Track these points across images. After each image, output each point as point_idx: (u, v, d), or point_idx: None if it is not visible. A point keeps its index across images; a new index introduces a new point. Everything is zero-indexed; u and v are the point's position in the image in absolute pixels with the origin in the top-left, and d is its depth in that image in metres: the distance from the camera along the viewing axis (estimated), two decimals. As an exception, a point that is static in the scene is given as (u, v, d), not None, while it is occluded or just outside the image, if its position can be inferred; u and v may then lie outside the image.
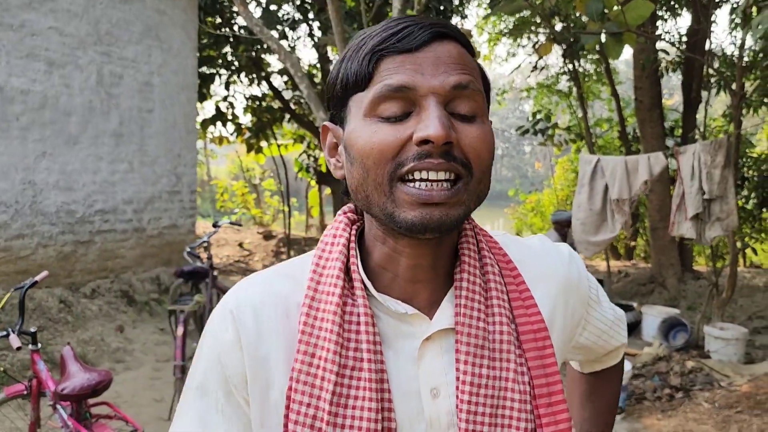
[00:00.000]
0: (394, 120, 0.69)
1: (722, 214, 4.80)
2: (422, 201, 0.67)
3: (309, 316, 0.73)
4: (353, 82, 0.72)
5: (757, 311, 7.50)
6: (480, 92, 0.72)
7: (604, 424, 1.06)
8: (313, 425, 0.70)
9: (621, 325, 0.98)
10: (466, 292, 0.75)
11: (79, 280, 6.37)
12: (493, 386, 0.74)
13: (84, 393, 2.94)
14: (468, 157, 0.70)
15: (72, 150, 6.27)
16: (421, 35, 0.69)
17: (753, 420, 4.05)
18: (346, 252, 0.76)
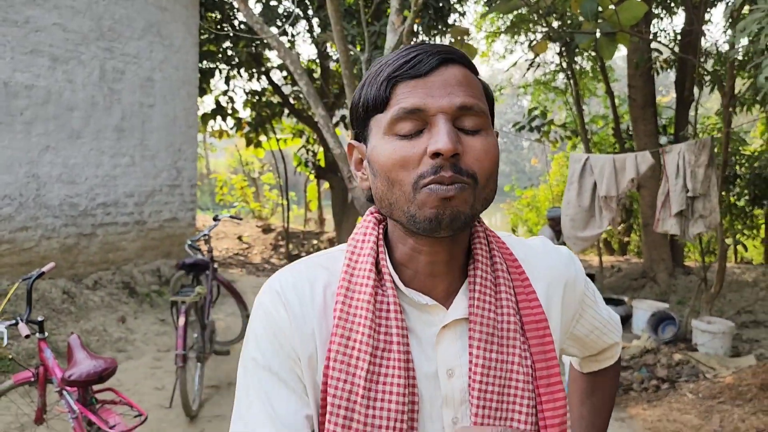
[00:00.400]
0: (409, 137, 0.80)
1: (705, 211, 4.95)
2: (440, 195, 0.77)
3: (344, 303, 0.84)
4: (373, 105, 0.83)
5: (745, 306, 7.64)
6: (483, 110, 0.82)
7: (600, 420, 1.17)
8: (349, 398, 0.80)
9: (614, 325, 1.09)
10: (479, 287, 0.86)
11: (82, 271, 6.49)
12: (501, 368, 0.84)
13: (90, 379, 3.02)
14: (473, 167, 0.80)
15: (75, 144, 6.39)
16: (430, 61, 0.80)
17: (734, 410, 4.19)
18: (375, 249, 0.87)
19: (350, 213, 12.02)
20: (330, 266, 0.90)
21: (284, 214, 12.46)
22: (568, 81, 10.54)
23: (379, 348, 0.82)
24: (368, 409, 0.81)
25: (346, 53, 5.50)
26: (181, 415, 4.34)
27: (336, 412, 0.81)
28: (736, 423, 3.98)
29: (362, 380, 0.81)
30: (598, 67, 10.32)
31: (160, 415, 4.34)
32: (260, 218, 15.97)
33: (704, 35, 9.69)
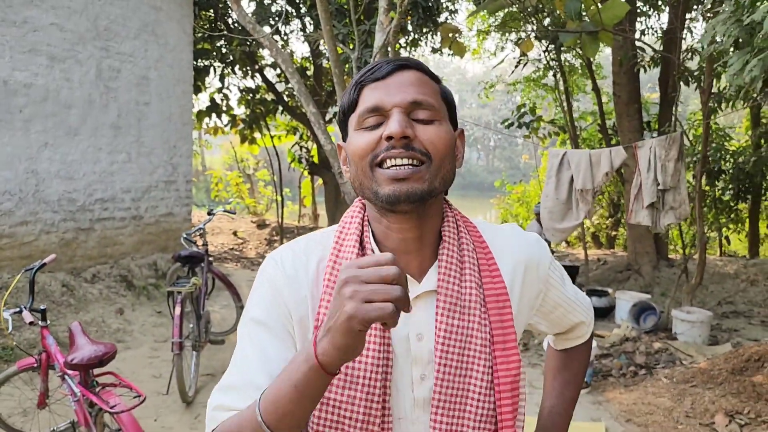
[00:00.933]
0: (372, 128, 0.97)
1: (675, 203, 5.17)
2: (392, 177, 0.93)
3: (332, 274, 1.00)
4: (347, 108, 1.01)
5: (726, 297, 7.85)
6: (434, 106, 0.97)
7: (569, 391, 1.29)
8: None
9: (581, 306, 1.22)
10: (445, 263, 1.00)
11: (80, 265, 6.66)
12: (462, 333, 0.98)
13: (91, 363, 3.15)
14: (426, 147, 0.94)
15: (72, 141, 6.55)
16: (387, 67, 0.98)
17: (705, 393, 4.39)
18: (360, 227, 1.03)
19: (343, 208, 12.17)
20: (324, 242, 1.07)
21: (279, 209, 12.62)
22: (556, 78, 10.71)
23: None
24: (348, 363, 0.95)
25: (336, 52, 5.67)
26: (177, 401, 4.51)
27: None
28: (706, 405, 4.18)
29: None
30: (585, 64, 10.48)
31: (158, 402, 4.51)
32: (255, 214, 16.12)
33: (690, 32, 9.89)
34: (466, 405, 0.99)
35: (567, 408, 1.29)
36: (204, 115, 12.14)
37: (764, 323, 7.01)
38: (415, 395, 0.99)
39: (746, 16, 3.55)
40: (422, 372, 0.99)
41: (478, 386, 0.99)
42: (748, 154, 9.64)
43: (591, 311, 1.28)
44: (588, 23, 5.94)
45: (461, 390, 0.99)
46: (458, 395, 0.98)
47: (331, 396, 0.97)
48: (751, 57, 3.56)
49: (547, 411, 1.29)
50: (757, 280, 8.07)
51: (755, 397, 4.13)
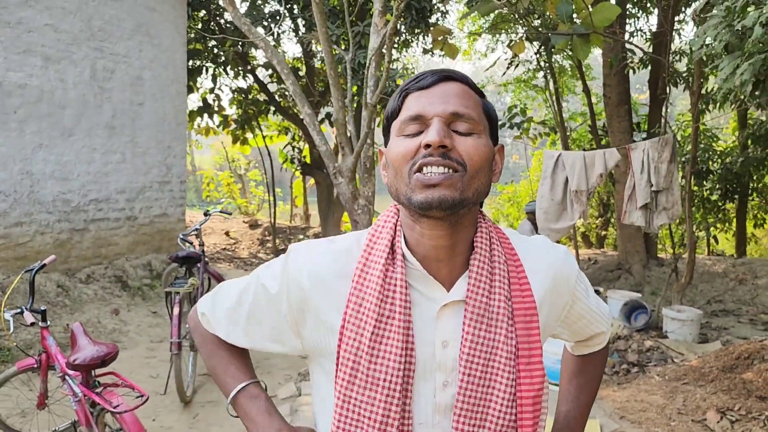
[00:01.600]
0: (412, 136, 0.99)
1: (668, 204, 5.26)
2: (425, 182, 0.94)
3: (360, 276, 1.02)
4: (391, 114, 1.05)
5: (715, 295, 7.96)
6: (474, 118, 0.98)
7: (585, 396, 1.30)
8: (356, 354, 0.99)
9: (602, 316, 1.23)
10: (476, 275, 1.01)
11: (75, 266, 6.66)
12: (487, 345, 0.99)
13: (94, 363, 3.15)
14: (462, 158, 0.96)
15: (67, 142, 6.54)
16: (432, 78, 1.01)
17: (697, 390, 4.47)
18: (392, 232, 1.05)
19: (335, 208, 12.22)
20: (352, 249, 1.08)
21: (271, 209, 12.62)
22: (547, 79, 10.80)
23: (384, 315, 0.99)
24: (371, 364, 0.98)
25: (331, 54, 5.71)
26: (175, 401, 4.53)
27: (345, 363, 1.00)
28: (697, 402, 4.26)
29: (367, 340, 0.98)
30: (575, 65, 10.58)
31: (156, 402, 4.52)
32: (246, 214, 16.11)
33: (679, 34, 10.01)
34: (487, 415, 1.00)
35: (583, 412, 1.30)
36: (196, 115, 12.13)
37: (753, 321, 7.12)
38: (437, 400, 1.01)
39: (737, 21, 3.63)
40: (445, 378, 1.01)
41: (501, 397, 1.00)
42: (736, 155, 9.78)
43: (610, 320, 1.30)
44: (579, 26, 6.01)
45: (483, 400, 1.00)
46: (480, 405, 1.00)
47: (352, 395, 1.00)
48: (741, 61, 3.64)
49: (563, 415, 1.31)
50: (746, 278, 8.19)
51: (746, 394, 4.21)
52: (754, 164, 9.28)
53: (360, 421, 1.00)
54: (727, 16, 3.75)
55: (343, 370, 1.01)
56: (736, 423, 3.84)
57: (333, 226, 12.37)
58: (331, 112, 12.02)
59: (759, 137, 9.26)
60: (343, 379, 1.01)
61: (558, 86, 10.65)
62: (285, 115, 12.34)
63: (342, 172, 5.65)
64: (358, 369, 1.00)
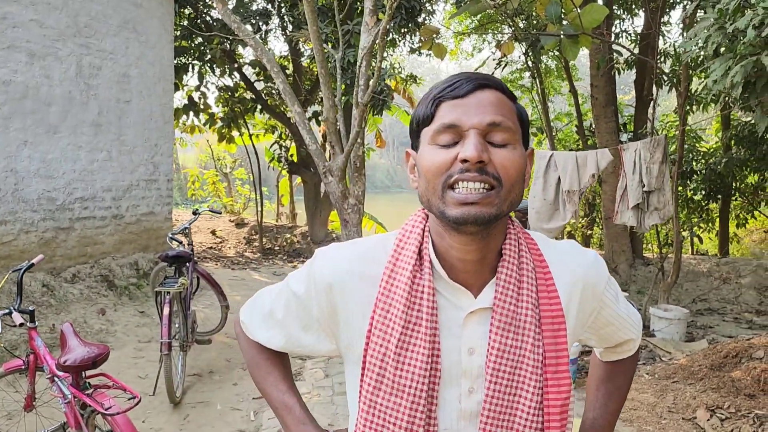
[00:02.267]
0: (447, 146, 0.96)
1: (659, 204, 5.31)
2: (461, 201, 0.92)
3: (388, 283, 1.02)
4: (422, 120, 1.01)
5: (700, 294, 8.06)
6: (510, 128, 0.96)
7: (613, 403, 1.28)
8: (383, 360, 1.00)
9: (632, 323, 1.21)
10: (503, 283, 1.00)
11: (60, 265, 6.56)
12: (514, 353, 0.99)
13: (84, 364, 3.10)
14: (499, 172, 0.94)
15: (52, 139, 6.45)
16: (467, 86, 0.97)
17: (687, 388, 4.52)
18: (420, 237, 1.04)
19: (323, 207, 12.19)
20: (384, 247, 1.09)
21: (257, 208, 12.56)
22: (533, 79, 10.85)
23: (410, 322, 0.99)
24: (397, 370, 0.99)
25: (322, 52, 5.69)
26: (165, 402, 4.49)
27: (372, 369, 1.01)
28: (687, 400, 4.30)
29: (394, 347, 0.99)
30: (562, 66, 10.64)
31: (145, 403, 4.46)
32: (232, 213, 16.02)
33: (663, 36, 10.11)
34: (513, 423, 1.01)
35: (611, 420, 1.28)
36: (181, 113, 12.03)
37: (737, 320, 7.22)
38: (462, 407, 1.02)
39: (729, 23, 3.67)
40: (471, 385, 1.01)
41: (527, 405, 1.00)
42: (719, 156, 9.90)
43: (640, 327, 1.27)
44: (568, 26, 6.04)
45: (510, 408, 1.00)
46: (507, 412, 1.00)
47: (378, 401, 1.00)
48: (733, 63, 3.68)
49: (590, 423, 1.29)
50: (729, 278, 8.30)
51: (734, 392, 4.26)
52: (737, 165, 9.41)
53: (385, 426, 1.00)
54: (719, 18, 3.78)
55: (369, 376, 1.01)
56: (725, 421, 3.89)
57: (320, 226, 12.33)
58: (318, 110, 11.99)
59: (742, 138, 9.39)
60: (369, 384, 1.01)
61: (544, 87, 10.70)
62: (272, 113, 12.28)
63: (332, 171, 5.63)
64: (384, 375, 1.00)
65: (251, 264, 10.55)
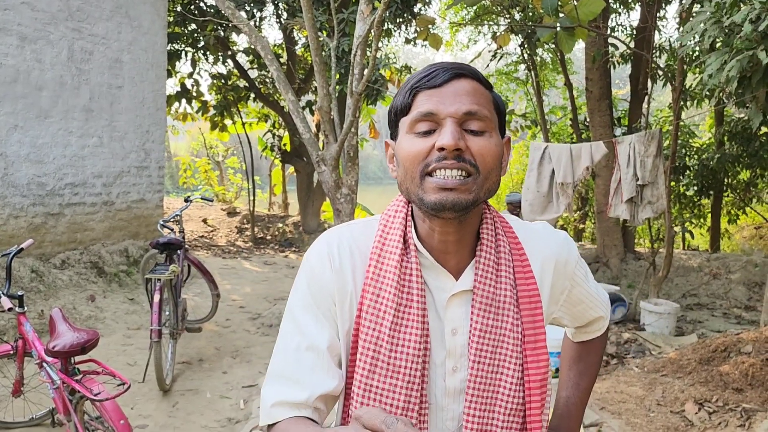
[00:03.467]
0: (425, 135, 0.98)
1: (653, 198, 5.32)
2: (440, 186, 0.95)
3: (376, 267, 1.04)
4: (400, 110, 1.03)
5: (690, 289, 8.10)
6: (486, 116, 0.98)
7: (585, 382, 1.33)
8: (377, 343, 1.01)
9: (601, 302, 1.26)
10: (482, 265, 1.04)
11: (50, 251, 6.51)
12: (495, 332, 1.03)
13: (73, 350, 3.09)
14: (476, 160, 0.96)
15: (43, 124, 6.38)
16: (444, 75, 0.99)
17: (675, 382, 4.55)
18: (404, 223, 1.06)
19: (316, 197, 12.16)
20: (368, 233, 1.10)
21: (249, 197, 12.51)
22: (528, 72, 10.84)
23: (402, 304, 1.01)
24: (391, 352, 1.00)
25: (317, 40, 5.64)
26: (154, 389, 4.47)
27: (366, 353, 1.01)
28: (676, 393, 4.33)
29: (387, 329, 1.00)
30: (557, 59, 10.62)
31: (134, 390, 4.45)
32: (224, 201, 15.96)
33: (659, 31, 10.11)
34: (497, 399, 1.04)
35: (582, 398, 1.33)
36: (173, 100, 11.94)
37: (726, 315, 7.26)
38: (447, 385, 1.05)
39: (726, 17, 3.66)
40: (455, 364, 1.04)
41: (509, 382, 1.04)
42: (712, 152, 9.93)
43: (609, 306, 1.32)
44: (564, 19, 6.03)
45: (493, 384, 1.04)
46: (490, 389, 1.04)
47: (373, 384, 1.01)
48: (729, 57, 3.67)
49: (563, 401, 1.34)
50: (720, 273, 8.35)
51: (722, 386, 4.29)
52: (729, 161, 9.44)
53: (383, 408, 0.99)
54: (715, 12, 3.77)
55: (363, 360, 1.02)
56: (713, 414, 3.91)
57: (312, 215, 12.30)
58: (311, 100, 11.93)
59: (735, 134, 9.41)
60: (364, 368, 1.02)
61: (539, 79, 10.69)
62: (265, 101, 12.22)
63: (325, 160, 5.60)
64: (379, 358, 1.01)
65: (242, 253, 10.52)
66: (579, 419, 1.32)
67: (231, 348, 5.54)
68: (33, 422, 3.85)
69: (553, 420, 1.32)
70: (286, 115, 11.36)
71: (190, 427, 4.00)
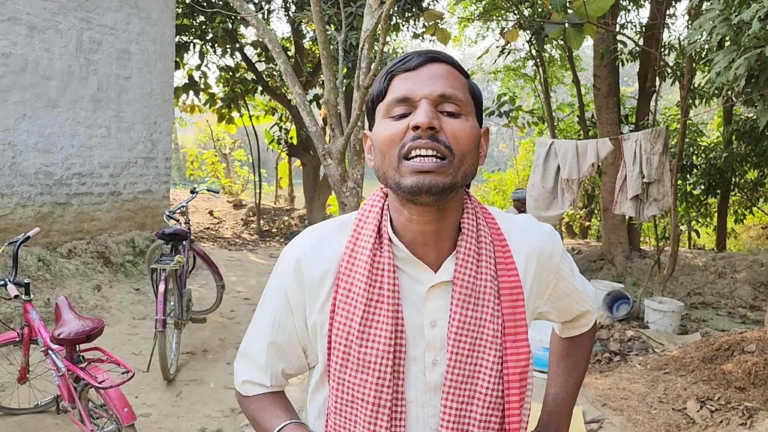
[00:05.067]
0: (400, 118, 0.98)
1: (659, 195, 5.30)
2: (416, 169, 0.93)
3: (349, 262, 1.04)
4: (377, 96, 1.03)
5: (695, 288, 8.08)
6: (461, 99, 0.98)
7: (573, 378, 1.32)
8: (347, 338, 1.01)
9: (587, 296, 1.25)
10: (462, 256, 1.02)
11: (56, 240, 6.55)
12: (474, 324, 1.01)
13: (78, 338, 3.12)
14: (450, 141, 0.95)
15: (51, 113, 6.42)
16: (418, 59, 1.00)
17: (678, 380, 4.55)
18: (379, 215, 1.06)
19: (321, 190, 12.18)
20: (344, 229, 1.10)
21: (255, 190, 12.54)
22: (537, 68, 10.80)
23: (372, 299, 1.01)
24: (362, 348, 1.00)
25: (324, 34, 5.65)
26: (158, 379, 4.51)
27: (337, 348, 1.02)
28: (678, 391, 4.33)
29: (357, 324, 1.00)
30: (566, 55, 10.58)
31: (138, 379, 4.49)
32: (231, 194, 16.00)
33: (668, 28, 10.06)
34: (475, 392, 1.03)
35: (571, 394, 1.32)
36: (181, 92, 11.97)
37: (731, 314, 7.24)
38: (426, 379, 1.03)
39: (735, 15, 3.64)
40: (434, 357, 1.03)
41: (488, 374, 1.02)
42: (720, 150, 9.88)
43: (596, 301, 1.33)
44: (573, 15, 6.00)
45: (471, 377, 1.03)
46: (468, 382, 1.03)
47: (345, 378, 1.02)
48: (737, 55, 3.66)
49: (552, 397, 1.32)
50: (725, 272, 8.32)
51: (725, 385, 4.29)
52: (737, 160, 9.38)
53: (355, 402, 1.02)
54: (724, 9, 3.76)
55: (335, 354, 1.03)
56: (715, 412, 3.91)
57: (318, 209, 12.32)
58: (318, 94, 11.93)
59: (743, 133, 9.35)
60: (336, 362, 1.03)
61: (547, 76, 10.65)
62: (272, 95, 12.23)
63: (331, 153, 5.61)
64: (350, 353, 1.02)
65: (248, 245, 10.55)
66: (568, 415, 1.32)
67: (235, 339, 5.57)
68: (38, 409, 3.89)
69: (542, 417, 1.31)
70: (293, 109, 11.37)
71: (193, 417, 4.03)
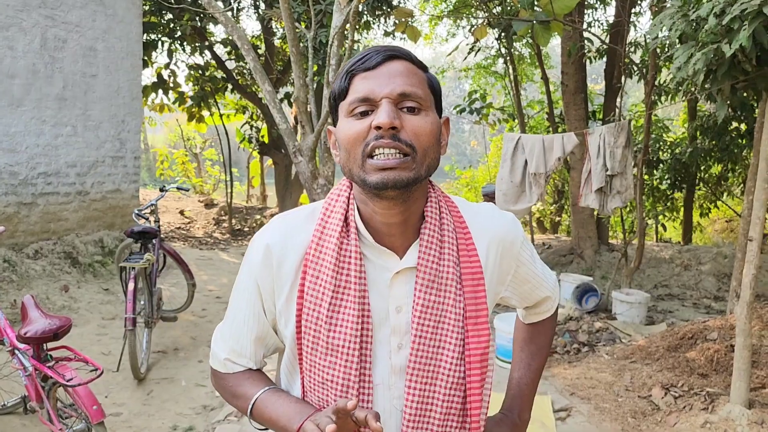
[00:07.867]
0: (362, 117, 1.01)
1: (621, 188, 5.42)
2: (380, 167, 0.97)
3: (316, 250, 1.07)
4: (338, 95, 1.06)
5: (662, 280, 8.25)
6: (420, 96, 1.02)
7: (536, 363, 1.38)
8: (316, 323, 1.06)
9: (548, 282, 1.31)
10: (426, 244, 1.07)
11: (22, 240, 6.44)
12: (437, 308, 1.07)
13: (45, 336, 3.07)
14: (411, 139, 0.99)
15: (15, 112, 6.30)
16: (377, 57, 1.03)
17: (644, 368, 4.65)
18: (346, 205, 1.09)
19: (294, 189, 12.14)
20: (312, 217, 1.13)
21: (227, 189, 12.45)
22: (507, 66, 10.91)
23: (340, 286, 1.05)
24: (330, 332, 1.05)
25: (294, 31, 5.65)
26: (128, 378, 4.47)
27: (306, 332, 1.07)
28: (644, 379, 4.43)
29: (325, 310, 1.05)
30: (535, 53, 10.70)
31: (108, 378, 4.44)
32: (202, 193, 15.85)
33: (634, 26, 10.24)
34: (438, 373, 1.07)
35: (534, 378, 1.38)
36: (150, 91, 11.82)
37: (696, 305, 7.41)
38: (392, 362, 1.08)
39: (692, 11, 3.74)
40: (399, 341, 1.08)
41: (450, 356, 1.07)
42: (685, 146, 10.08)
43: (557, 288, 1.37)
44: (540, 13, 6.09)
45: (434, 359, 1.07)
46: (431, 364, 1.07)
47: (317, 360, 1.07)
48: (695, 51, 3.76)
49: (515, 382, 1.38)
50: (690, 265, 8.51)
51: (688, 372, 4.40)
52: (701, 155, 9.59)
53: (325, 384, 1.06)
54: (682, 6, 3.86)
55: (306, 338, 1.07)
56: (679, 398, 4.02)
57: (290, 208, 12.23)
58: (289, 91, 11.89)
59: (707, 129, 9.56)
60: (307, 345, 1.07)
61: (517, 73, 10.77)
62: (243, 93, 12.15)
63: (302, 151, 5.61)
64: (319, 337, 1.06)
65: (220, 244, 10.48)
66: (531, 399, 1.37)
67: (207, 337, 5.54)
68: (5, 410, 3.83)
69: (506, 400, 1.36)
70: (264, 107, 11.31)
71: (164, 414, 4.01)
